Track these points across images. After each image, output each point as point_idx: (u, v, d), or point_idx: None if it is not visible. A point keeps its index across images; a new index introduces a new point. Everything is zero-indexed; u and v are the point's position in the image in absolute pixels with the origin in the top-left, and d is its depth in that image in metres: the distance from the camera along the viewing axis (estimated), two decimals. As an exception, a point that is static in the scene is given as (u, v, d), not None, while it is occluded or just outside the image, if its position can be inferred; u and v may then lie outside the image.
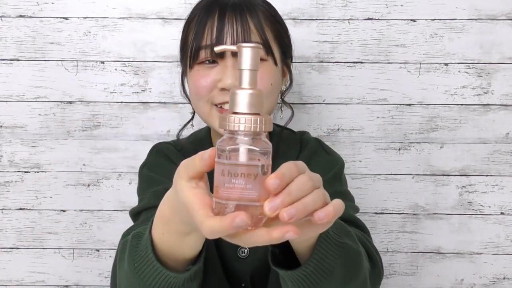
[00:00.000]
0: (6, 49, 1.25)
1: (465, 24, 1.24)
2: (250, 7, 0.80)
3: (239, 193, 0.44)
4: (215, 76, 0.80)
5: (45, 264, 1.34)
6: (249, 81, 0.47)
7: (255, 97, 0.46)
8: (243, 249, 0.87)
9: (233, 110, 0.47)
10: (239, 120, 0.45)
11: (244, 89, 0.47)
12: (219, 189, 0.45)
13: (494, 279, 1.35)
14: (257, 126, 0.45)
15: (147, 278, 0.61)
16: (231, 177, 0.44)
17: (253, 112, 0.46)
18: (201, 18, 0.80)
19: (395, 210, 1.32)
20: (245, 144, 0.45)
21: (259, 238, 0.45)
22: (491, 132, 1.28)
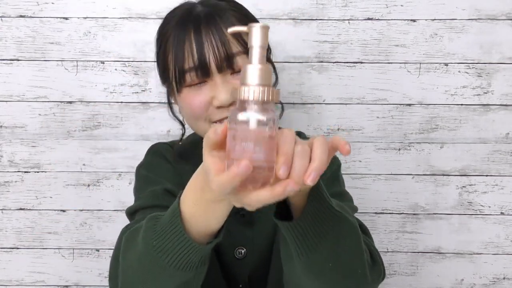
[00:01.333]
0: (6, 49, 1.25)
1: (465, 24, 1.24)
2: (221, 15, 0.78)
3: (248, 155, 0.49)
4: (207, 94, 0.79)
5: (45, 264, 1.34)
6: (259, 57, 0.52)
7: (264, 71, 0.51)
8: (241, 250, 0.87)
9: (244, 82, 0.51)
10: (249, 90, 0.50)
11: (254, 64, 0.52)
12: (230, 152, 0.50)
13: (494, 279, 1.35)
14: (265, 95, 0.50)
15: (168, 254, 0.62)
16: (241, 141, 0.49)
17: (262, 83, 0.51)
18: (178, 39, 0.78)
19: (395, 210, 1.32)
20: (254, 112, 0.50)
21: (264, 195, 0.50)
22: (491, 132, 1.28)
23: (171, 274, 0.63)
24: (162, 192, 0.82)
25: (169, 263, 0.62)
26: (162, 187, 0.83)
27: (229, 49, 0.76)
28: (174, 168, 0.88)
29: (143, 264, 0.64)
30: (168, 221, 0.62)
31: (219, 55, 0.76)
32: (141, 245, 0.64)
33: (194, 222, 0.61)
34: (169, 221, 0.62)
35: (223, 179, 0.49)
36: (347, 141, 0.53)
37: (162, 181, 0.85)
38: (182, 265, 0.62)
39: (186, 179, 0.87)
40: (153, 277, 0.64)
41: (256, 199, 0.50)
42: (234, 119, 0.50)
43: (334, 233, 0.63)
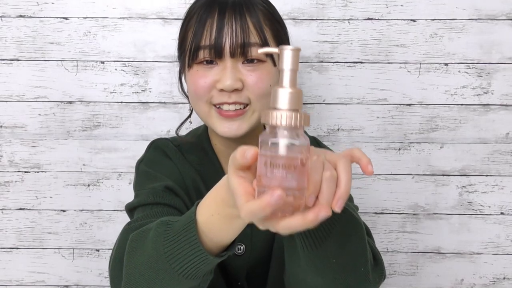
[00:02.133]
0: (6, 49, 1.25)
1: (465, 24, 1.24)
2: (249, 6, 0.80)
3: (280, 182, 0.48)
4: (214, 76, 0.80)
5: (45, 264, 1.34)
6: (290, 80, 0.51)
7: (295, 95, 0.50)
8: (239, 246, 0.87)
9: (274, 107, 0.51)
10: (281, 116, 0.49)
11: (285, 88, 0.51)
12: (261, 178, 0.49)
13: (494, 279, 1.35)
14: (297, 121, 0.49)
15: (178, 262, 0.62)
16: (273, 167, 0.48)
17: (293, 108, 0.50)
18: (201, 17, 0.80)
19: (395, 210, 1.32)
20: (286, 138, 0.49)
21: (296, 222, 0.49)
22: (491, 132, 1.28)
23: (178, 282, 0.63)
24: (162, 189, 0.82)
25: (179, 272, 0.62)
26: (163, 184, 0.83)
27: (246, 38, 0.77)
28: (175, 165, 0.88)
29: (151, 268, 0.64)
30: (183, 228, 0.62)
31: (236, 40, 0.77)
32: (150, 250, 0.64)
33: (209, 233, 0.61)
34: (183, 229, 0.62)
35: (254, 207, 0.47)
36: (369, 160, 0.54)
37: (162, 178, 0.85)
38: (191, 275, 0.63)
39: (187, 176, 0.87)
40: (160, 282, 0.64)
41: (287, 226, 0.49)
42: (266, 144, 0.49)
43: (340, 228, 0.64)
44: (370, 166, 0.54)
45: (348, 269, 0.67)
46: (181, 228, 0.62)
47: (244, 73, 0.79)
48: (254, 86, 0.78)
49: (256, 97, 0.79)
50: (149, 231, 0.67)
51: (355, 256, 0.67)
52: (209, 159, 0.90)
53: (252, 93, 0.79)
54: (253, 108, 0.81)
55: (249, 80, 0.78)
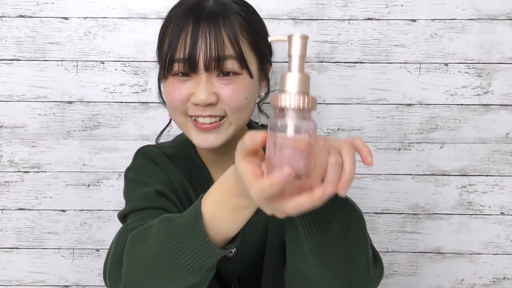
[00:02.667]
0: (6, 49, 1.25)
1: (465, 24, 1.24)
2: (225, 16, 0.78)
3: (288, 162, 0.50)
4: (189, 90, 0.79)
5: (45, 264, 1.34)
6: (298, 65, 0.53)
7: (303, 80, 0.52)
8: (230, 249, 0.87)
9: (283, 89, 0.53)
10: (290, 98, 0.51)
11: (293, 72, 0.53)
12: (270, 159, 0.51)
13: (494, 279, 1.35)
14: (305, 103, 0.51)
15: (183, 257, 0.62)
16: (281, 148, 0.50)
17: (301, 91, 0.52)
18: (176, 27, 0.79)
19: (395, 210, 1.32)
20: (294, 119, 0.51)
21: (303, 200, 0.50)
22: (491, 132, 1.28)
23: (181, 276, 0.63)
24: (153, 193, 0.82)
25: (183, 266, 0.62)
26: (153, 189, 0.83)
27: (221, 51, 0.76)
28: (163, 170, 0.89)
29: (155, 264, 0.64)
30: (188, 221, 0.63)
31: (210, 54, 0.76)
32: (154, 245, 0.64)
33: (215, 224, 0.62)
34: (188, 222, 0.62)
35: (264, 184, 0.49)
36: (370, 151, 0.55)
37: (152, 183, 0.85)
38: (195, 269, 0.63)
39: (175, 181, 0.88)
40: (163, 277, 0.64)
41: (295, 205, 0.51)
42: (274, 126, 0.51)
43: (342, 215, 0.65)
44: (370, 157, 0.55)
45: (350, 261, 0.67)
46: (186, 221, 0.63)
47: (218, 87, 0.78)
48: (229, 100, 0.78)
49: (231, 110, 0.79)
50: (150, 229, 0.67)
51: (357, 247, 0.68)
52: (195, 164, 0.90)
53: (227, 106, 0.79)
54: (230, 121, 0.80)
55: (224, 93, 0.78)
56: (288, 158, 0.50)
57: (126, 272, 0.67)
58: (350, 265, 0.68)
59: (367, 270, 0.69)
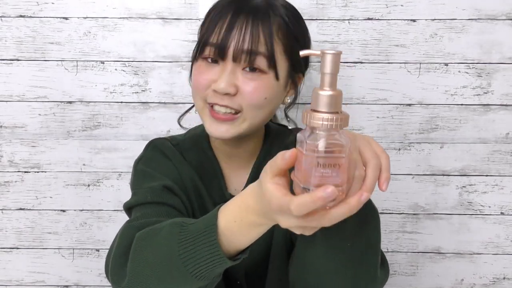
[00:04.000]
0: (6, 49, 1.25)
1: (465, 24, 1.24)
2: (266, 14, 0.78)
3: (327, 180, 0.52)
4: (213, 76, 0.79)
5: (45, 264, 1.34)
6: (330, 83, 0.54)
7: (335, 98, 0.53)
8: None
9: (315, 109, 0.54)
10: (322, 118, 0.52)
11: (325, 91, 0.53)
12: (309, 178, 0.52)
13: (494, 279, 1.35)
14: (337, 124, 0.52)
15: (193, 265, 0.63)
16: (320, 167, 0.52)
17: (333, 111, 0.53)
18: (217, 14, 0.80)
19: (395, 210, 1.32)
20: (331, 139, 0.53)
21: (341, 210, 0.53)
22: (491, 132, 1.28)
23: (188, 281, 0.64)
24: (160, 188, 0.82)
25: (192, 273, 0.63)
26: (161, 183, 0.83)
27: (254, 46, 0.76)
28: (173, 164, 0.88)
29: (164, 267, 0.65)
30: (203, 231, 0.63)
31: (242, 45, 0.76)
32: (164, 249, 0.65)
33: (228, 237, 0.63)
34: (203, 231, 0.63)
35: (306, 200, 0.51)
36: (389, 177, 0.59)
37: (160, 177, 0.85)
38: (203, 276, 0.64)
39: (185, 176, 0.87)
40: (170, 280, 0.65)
41: (333, 217, 0.54)
42: (310, 145, 0.52)
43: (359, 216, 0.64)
44: (386, 183, 0.58)
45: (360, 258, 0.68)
46: (200, 230, 0.63)
47: (241, 80, 0.78)
48: (248, 95, 0.78)
49: (247, 106, 0.79)
50: (159, 231, 0.67)
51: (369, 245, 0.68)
52: (207, 158, 0.90)
53: (244, 101, 0.78)
54: (244, 117, 0.80)
55: (245, 88, 0.78)
56: (327, 176, 0.52)
57: (132, 271, 0.67)
58: (360, 262, 0.68)
59: (374, 271, 0.69)
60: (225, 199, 0.85)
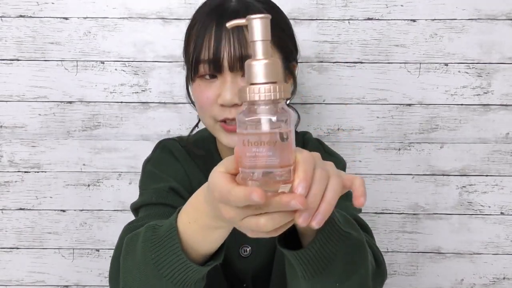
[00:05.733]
0: (6, 49, 1.25)
1: (465, 24, 1.24)
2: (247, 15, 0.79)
3: (262, 161, 0.45)
4: (215, 91, 0.79)
5: (45, 264, 1.34)
6: (262, 51, 0.48)
7: (270, 66, 0.47)
8: (246, 248, 0.87)
9: (250, 81, 0.48)
10: (258, 90, 0.46)
11: (258, 60, 0.48)
12: (242, 159, 0.46)
13: (494, 279, 1.35)
14: (276, 94, 0.46)
15: (166, 269, 0.61)
16: (251, 146, 0.45)
17: (270, 81, 0.47)
18: (200, 29, 0.79)
19: (395, 210, 1.32)
20: (264, 113, 0.46)
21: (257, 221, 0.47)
22: (491, 132, 1.28)
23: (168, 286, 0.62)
24: (167, 190, 0.82)
25: (167, 277, 0.61)
26: (167, 185, 0.83)
27: (245, 51, 0.76)
28: (181, 166, 0.88)
29: (142, 273, 0.64)
30: (165, 235, 0.61)
31: (234, 54, 0.76)
32: (140, 255, 0.64)
33: (189, 240, 0.60)
34: (166, 235, 0.61)
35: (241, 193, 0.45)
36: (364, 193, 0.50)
37: (167, 179, 0.85)
38: (181, 281, 0.62)
39: (193, 178, 0.87)
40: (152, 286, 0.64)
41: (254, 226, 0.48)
42: (243, 122, 0.47)
43: (342, 255, 0.61)
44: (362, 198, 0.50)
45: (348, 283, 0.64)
46: (164, 234, 0.61)
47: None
48: None
49: None
50: (139, 235, 0.66)
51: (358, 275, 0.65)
52: (214, 160, 0.90)
53: None
54: None
55: None
56: (259, 157, 0.45)
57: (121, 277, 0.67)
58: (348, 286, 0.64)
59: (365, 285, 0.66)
60: None
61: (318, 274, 0.61)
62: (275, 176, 0.46)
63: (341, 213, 0.65)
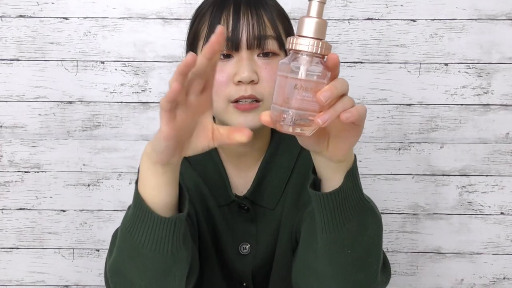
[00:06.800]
0: (6, 49, 1.25)
1: (465, 24, 1.24)
2: (263, 2, 0.81)
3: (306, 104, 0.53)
4: (231, 69, 0.79)
5: (45, 264, 1.34)
6: (317, 11, 0.56)
7: (321, 25, 0.55)
8: (245, 246, 0.87)
9: (300, 34, 0.54)
10: (307, 42, 0.53)
11: (312, 17, 0.55)
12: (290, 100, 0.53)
13: (494, 279, 1.35)
14: (321, 49, 0.53)
15: (137, 234, 0.63)
16: (301, 90, 0.53)
17: (317, 37, 0.54)
18: (215, 12, 0.80)
19: (395, 210, 1.32)
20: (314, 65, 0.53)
21: None
22: (491, 132, 1.28)
23: (147, 256, 0.64)
24: None
25: (141, 243, 0.63)
26: None
27: (263, 31, 0.78)
28: None
29: (121, 250, 0.66)
30: (133, 202, 0.65)
31: (253, 32, 0.78)
32: (119, 233, 0.67)
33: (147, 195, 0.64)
34: (133, 202, 0.65)
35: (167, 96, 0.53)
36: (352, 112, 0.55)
37: None
38: (154, 245, 0.63)
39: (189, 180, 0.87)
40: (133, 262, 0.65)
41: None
42: (295, 68, 0.53)
43: (359, 219, 0.65)
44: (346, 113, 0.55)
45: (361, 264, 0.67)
46: (132, 201, 0.65)
47: (259, 66, 0.79)
48: (269, 80, 0.78)
49: (269, 92, 0.79)
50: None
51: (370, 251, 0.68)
52: (212, 159, 0.90)
53: (266, 87, 0.79)
54: (265, 106, 0.80)
55: (264, 74, 0.78)
56: (304, 99, 0.52)
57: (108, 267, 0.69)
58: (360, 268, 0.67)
59: (374, 276, 0.69)
60: (230, 200, 0.85)
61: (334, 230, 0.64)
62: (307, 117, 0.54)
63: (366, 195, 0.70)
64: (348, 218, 0.65)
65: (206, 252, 0.84)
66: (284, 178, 0.85)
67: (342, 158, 0.62)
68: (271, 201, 0.85)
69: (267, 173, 0.86)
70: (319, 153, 0.63)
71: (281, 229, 0.86)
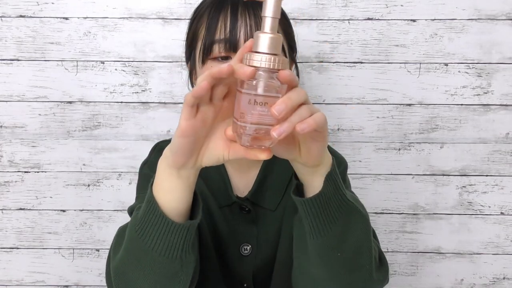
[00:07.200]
0: (6, 49, 1.25)
1: (465, 24, 1.24)
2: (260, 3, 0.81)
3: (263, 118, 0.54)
4: None
5: (45, 264, 1.34)
6: (270, 26, 0.55)
7: (275, 41, 0.55)
8: (246, 247, 0.87)
9: (256, 50, 0.55)
10: (261, 58, 0.54)
11: (265, 33, 0.55)
12: (245, 115, 0.55)
13: (494, 279, 1.35)
14: (276, 64, 0.54)
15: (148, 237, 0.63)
16: (256, 105, 0.54)
17: (272, 52, 0.55)
18: (213, 13, 0.79)
19: (395, 210, 1.32)
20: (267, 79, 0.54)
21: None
22: (491, 132, 1.28)
23: (155, 260, 0.64)
24: None
25: (151, 247, 0.63)
26: None
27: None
28: None
29: (129, 251, 0.65)
30: (145, 203, 0.64)
31: (251, 33, 0.77)
32: (127, 234, 0.66)
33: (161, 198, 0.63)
34: (146, 203, 0.64)
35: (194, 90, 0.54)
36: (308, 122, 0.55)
37: None
38: (164, 249, 0.63)
39: None
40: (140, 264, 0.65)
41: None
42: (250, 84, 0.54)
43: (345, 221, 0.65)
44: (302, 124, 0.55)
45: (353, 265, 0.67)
46: (145, 204, 0.64)
47: None
48: None
49: None
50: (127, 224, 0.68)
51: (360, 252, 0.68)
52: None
53: None
54: None
55: None
56: (260, 114, 0.54)
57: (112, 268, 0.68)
58: (353, 269, 0.68)
59: (369, 274, 0.69)
60: (231, 201, 0.85)
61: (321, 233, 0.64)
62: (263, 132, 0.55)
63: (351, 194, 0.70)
64: (333, 222, 0.65)
65: (207, 252, 0.84)
66: (285, 180, 0.85)
67: (316, 162, 0.63)
68: (272, 203, 0.85)
69: (268, 175, 0.86)
70: (294, 160, 0.63)
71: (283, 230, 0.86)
